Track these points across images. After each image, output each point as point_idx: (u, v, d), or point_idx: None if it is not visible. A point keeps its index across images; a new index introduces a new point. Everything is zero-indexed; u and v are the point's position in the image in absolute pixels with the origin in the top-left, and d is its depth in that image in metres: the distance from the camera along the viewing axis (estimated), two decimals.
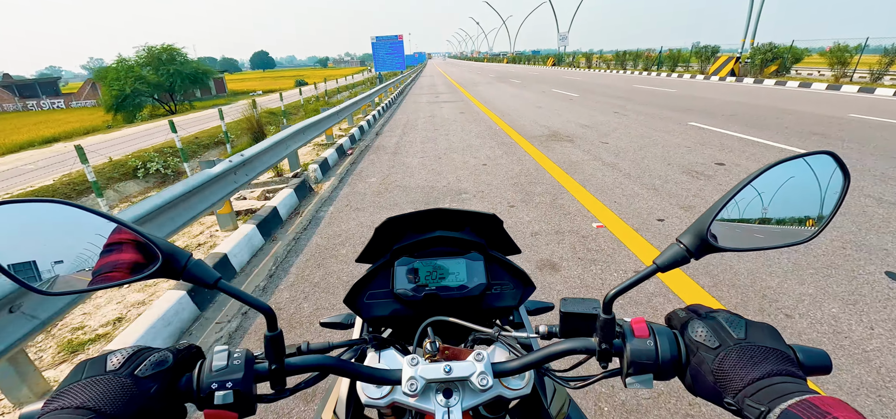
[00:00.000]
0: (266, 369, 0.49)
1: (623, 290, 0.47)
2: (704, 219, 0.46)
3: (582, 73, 33.50)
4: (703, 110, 10.47)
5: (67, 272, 0.42)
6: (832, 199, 0.44)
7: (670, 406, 1.82)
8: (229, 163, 3.80)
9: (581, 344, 0.50)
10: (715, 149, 6.37)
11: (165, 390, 0.44)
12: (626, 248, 3.30)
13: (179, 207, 3.01)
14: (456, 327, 0.66)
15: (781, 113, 9.68)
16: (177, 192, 2.95)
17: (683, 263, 0.46)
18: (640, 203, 4.27)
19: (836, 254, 3.04)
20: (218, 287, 0.46)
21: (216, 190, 3.55)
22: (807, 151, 0.45)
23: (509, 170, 5.67)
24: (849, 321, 2.31)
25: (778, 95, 13.42)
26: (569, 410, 0.66)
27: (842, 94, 13.94)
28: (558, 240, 3.48)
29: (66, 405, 0.38)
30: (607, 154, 6.29)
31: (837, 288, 2.63)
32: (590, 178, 5.12)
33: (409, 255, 0.70)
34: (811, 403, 0.34)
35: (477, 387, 0.52)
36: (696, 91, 15.66)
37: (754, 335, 0.44)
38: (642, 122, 9.00)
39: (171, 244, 0.46)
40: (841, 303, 2.47)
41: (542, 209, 4.21)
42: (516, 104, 13.28)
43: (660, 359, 0.46)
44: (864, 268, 2.85)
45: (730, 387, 0.41)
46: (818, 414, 0.32)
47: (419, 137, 8.38)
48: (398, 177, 5.65)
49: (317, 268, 3.26)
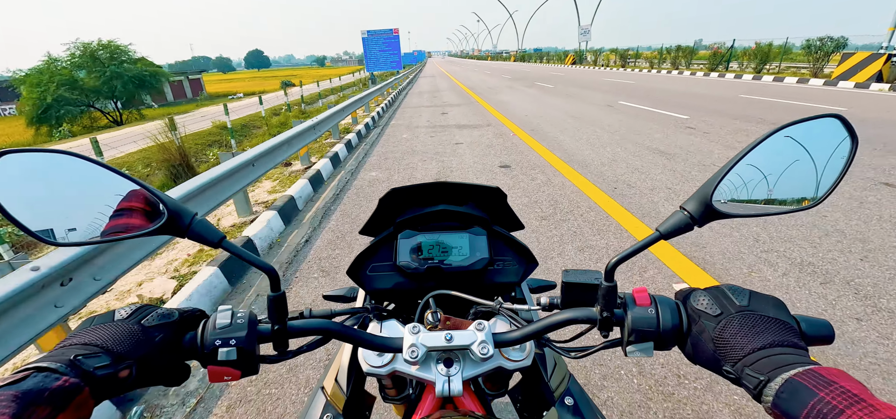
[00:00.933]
0: (269, 330, 0.50)
1: (625, 258, 0.46)
2: (708, 185, 0.45)
3: (622, 74, 24.74)
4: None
5: (76, 223, 0.43)
6: (838, 163, 0.43)
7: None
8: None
9: (582, 313, 0.50)
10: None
11: (170, 342, 0.45)
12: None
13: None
14: (458, 302, 0.66)
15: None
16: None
17: (687, 230, 0.45)
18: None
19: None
20: (222, 246, 0.47)
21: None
22: (813, 115, 0.43)
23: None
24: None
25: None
26: (569, 384, 0.64)
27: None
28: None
29: (73, 343, 0.39)
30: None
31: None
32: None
33: (412, 229, 0.71)
34: (816, 372, 0.34)
35: (478, 356, 0.52)
36: (865, 107, 9.03)
37: (757, 304, 0.43)
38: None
39: (178, 202, 0.46)
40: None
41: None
42: (597, 136, 6.96)
43: (661, 327, 0.46)
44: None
45: (729, 356, 0.40)
46: (823, 382, 0.32)
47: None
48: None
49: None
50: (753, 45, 22.25)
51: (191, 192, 2.82)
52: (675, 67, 26.69)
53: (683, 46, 27.83)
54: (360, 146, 7.30)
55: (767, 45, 21.34)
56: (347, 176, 5.41)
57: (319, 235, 3.59)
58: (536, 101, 12.68)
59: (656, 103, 10.95)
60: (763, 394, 0.36)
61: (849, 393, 0.31)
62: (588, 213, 3.72)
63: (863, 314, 2.20)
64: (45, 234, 0.41)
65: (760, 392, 0.36)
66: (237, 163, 3.55)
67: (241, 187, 3.62)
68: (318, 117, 6.28)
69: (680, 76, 21.96)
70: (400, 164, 5.79)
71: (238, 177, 3.60)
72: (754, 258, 2.84)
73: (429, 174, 5.30)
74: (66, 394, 0.34)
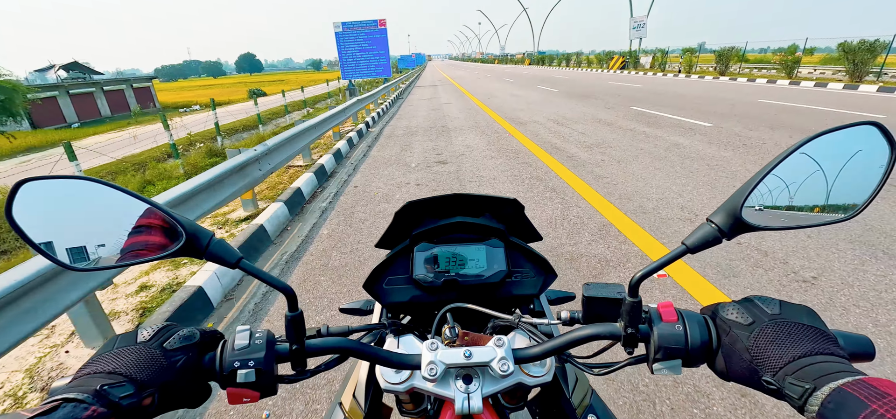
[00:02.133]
0: (287, 350, 0.50)
1: (650, 273, 0.44)
2: (737, 197, 0.43)
3: (694, 83, 18.82)
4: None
5: (95, 249, 0.43)
6: (877, 173, 0.41)
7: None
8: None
9: (606, 329, 0.49)
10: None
11: (191, 365, 0.45)
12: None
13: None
14: (475, 315, 0.65)
15: None
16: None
17: (715, 244, 0.44)
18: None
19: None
20: (240, 267, 0.47)
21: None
22: (849, 123, 0.41)
23: None
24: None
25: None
26: (591, 400, 0.63)
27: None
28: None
29: (98, 370, 0.39)
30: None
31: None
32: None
33: (428, 241, 0.70)
34: (866, 383, 0.31)
35: (497, 372, 0.51)
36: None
37: (789, 313, 0.42)
38: None
39: (196, 224, 0.46)
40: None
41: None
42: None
43: (689, 343, 0.44)
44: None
45: (768, 366, 0.38)
46: (876, 394, 0.30)
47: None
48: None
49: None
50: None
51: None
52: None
53: (778, 48, 19.80)
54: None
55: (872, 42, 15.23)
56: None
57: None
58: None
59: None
60: (808, 404, 0.34)
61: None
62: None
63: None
64: (67, 261, 0.42)
65: (805, 402, 0.34)
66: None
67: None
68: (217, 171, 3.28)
69: (782, 87, 15.66)
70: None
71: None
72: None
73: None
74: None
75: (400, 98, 16.06)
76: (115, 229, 0.44)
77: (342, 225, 3.94)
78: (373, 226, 3.88)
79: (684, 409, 1.74)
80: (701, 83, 19.15)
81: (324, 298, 2.72)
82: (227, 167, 3.50)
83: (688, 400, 1.79)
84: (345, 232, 3.77)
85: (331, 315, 2.54)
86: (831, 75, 18.42)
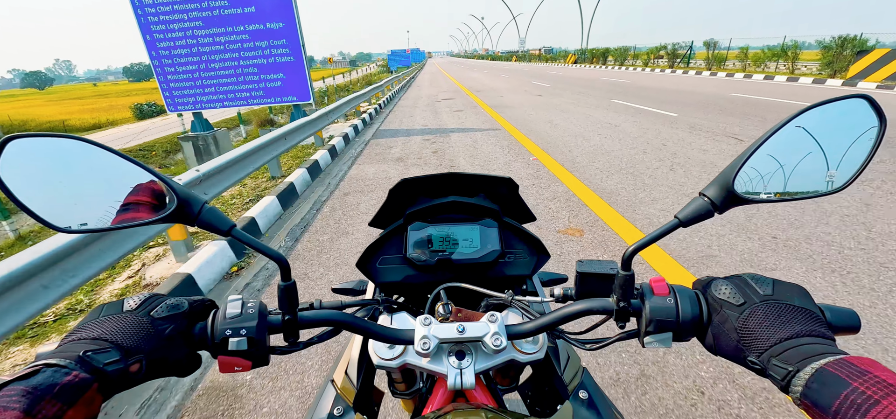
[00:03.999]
0: (279, 321, 0.49)
1: (643, 246, 0.44)
2: (729, 170, 0.43)
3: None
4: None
5: (86, 210, 0.42)
6: (866, 145, 0.42)
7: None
8: None
9: (598, 304, 0.49)
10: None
11: (180, 333, 0.45)
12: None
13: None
14: (469, 294, 0.65)
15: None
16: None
17: (707, 217, 0.44)
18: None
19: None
20: (231, 235, 0.46)
21: None
22: (839, 96, 0.42)
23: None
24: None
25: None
26: (582, 378, 0.62)
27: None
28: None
29: (82, 337, 0.39)
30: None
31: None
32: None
33: (422, 220, 0.70)
34: (847, 362, 0.33)
35: (490, 348, 0.51)
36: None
37: (781, 293, 0.42)
38: None
39: (188, 189, 0.46)
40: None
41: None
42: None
43: (680, 317, 0.45)
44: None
45: (754, 346, 0.39)
46: (856, 372, 0.31)
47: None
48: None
49: None
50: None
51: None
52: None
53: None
54: None
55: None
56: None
57: None
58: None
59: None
60: (791, 385, 0.35)
61: (883, 382, 0.30)
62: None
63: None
64: (54, 221, 0.41)
65: (788, 383, 0.35)
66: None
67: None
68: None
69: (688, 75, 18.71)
70: None
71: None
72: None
73: None
74: (75, 390, 0.34)
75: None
76: (106, 191, 0.43)
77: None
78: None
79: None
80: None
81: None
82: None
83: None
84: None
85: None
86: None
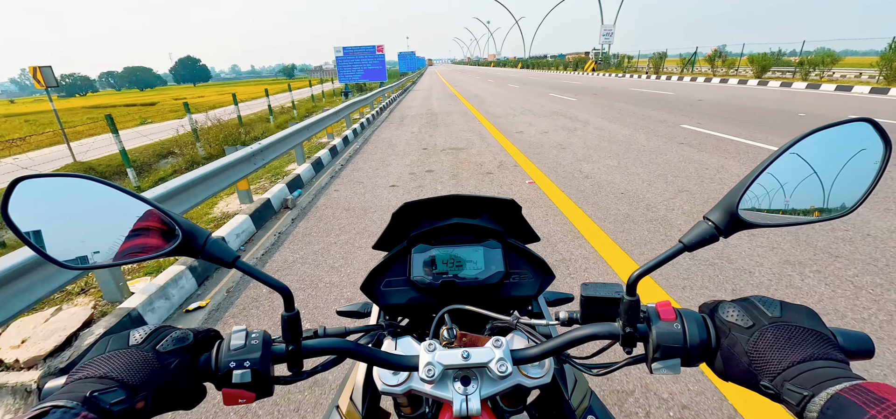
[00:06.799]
0: (283, 351, 0.49)
1: (648, 270, 0.44)
2: (733, 194, 0.43)
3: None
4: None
5: (94, 247, 0.43)
6: (871, 168, 0.41)
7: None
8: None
9: (604, 329, 0.49)
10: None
11: (185, 366, 0.45)
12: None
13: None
14: (473, 317, 0.65)
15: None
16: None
17: (712, 242, 0.44)
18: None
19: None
20: (236, 266, 0.47)
21: None
22: (842, 120, 0.42)
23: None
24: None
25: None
26: (590, 402, 0.62)
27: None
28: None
29: (89, 375, 0.39)
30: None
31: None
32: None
33: (426, 243, 0.70)
34: (864, 388, 0.31)
35: (496, 374, 0.51)
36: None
37: (790, 315, 0.41)
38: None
39: (192, 223, 0.46)
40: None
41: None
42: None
43: (688, 342, 0.44)
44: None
45: (767, 370, 0.38)
46: (874, 399, 0.30)
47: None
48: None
49: None
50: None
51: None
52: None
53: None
54: None
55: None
56: None
57: None
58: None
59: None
60: (806, 411, 0.34)
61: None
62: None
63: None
64: (64, 260, 0.41)
65: (803, 408, 0.34)
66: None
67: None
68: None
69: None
70: None
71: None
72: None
73: None
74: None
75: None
76: (112, 228, 0.44)
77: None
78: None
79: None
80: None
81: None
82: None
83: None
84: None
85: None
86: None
